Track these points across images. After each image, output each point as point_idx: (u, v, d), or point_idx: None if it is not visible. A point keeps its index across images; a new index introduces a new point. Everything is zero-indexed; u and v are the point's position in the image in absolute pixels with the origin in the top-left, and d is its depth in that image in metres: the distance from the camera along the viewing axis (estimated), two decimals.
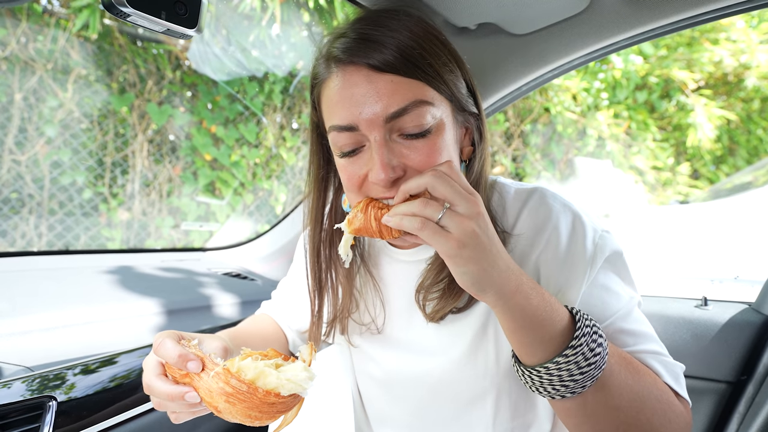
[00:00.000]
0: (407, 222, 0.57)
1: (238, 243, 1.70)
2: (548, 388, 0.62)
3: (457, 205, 0.57)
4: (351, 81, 0.64)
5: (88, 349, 0.94)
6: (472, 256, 0.56)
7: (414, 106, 0.63)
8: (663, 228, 3.38)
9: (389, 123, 0.64)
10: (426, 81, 0.65)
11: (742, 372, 1.24)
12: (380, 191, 0.66)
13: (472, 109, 0.73)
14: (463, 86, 0.71)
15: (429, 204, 0.57)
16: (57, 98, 2.74)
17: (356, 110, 0.64)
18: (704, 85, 5.21)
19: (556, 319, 0.61)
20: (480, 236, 0.56)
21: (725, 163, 5.35)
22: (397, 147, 0.65)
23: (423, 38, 0.65)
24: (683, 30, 0.96)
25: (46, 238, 2.75)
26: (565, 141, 5.14)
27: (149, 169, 3.10)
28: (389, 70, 0.63)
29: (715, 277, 2.19)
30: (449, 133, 0.68)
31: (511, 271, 0.59)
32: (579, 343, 0.60)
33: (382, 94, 0.63)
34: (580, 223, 0.73)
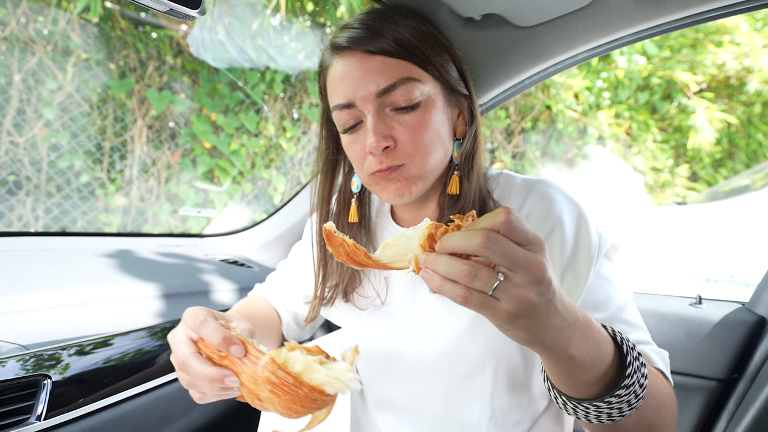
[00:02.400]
0: (448, 289, 0.49)
1: (235, 230, 1.70)
2: (592, 419, 0.60)
3: (516, 272, 0.48)
4: (348, 64, 0.73)
5: (83, 330, 0.94)
6: (524, 324, 0.50)
7: (402, 82, 0.71)
8: (660, 228, 3.40)
9: (381, 98, 0.72)
10: (414, 62, 0.73)
11: (733, 370, 1.26)
12: (375, 162, 0.73)
13: (463, 91, 0.80)
14: (454, 70, 0.79)
15: (478, 276, 0.47)
16: (56, 80, 2.72)
17: (352, 88, 0.72)
18: (706, 87, 5.21)
19: (604, 356, 0.57)
20: (538, 305, 0.49)
21: (724, 166, 5.37)
22: (389, 120, 0.73)
23: (415, 28, 0.74)
24: (688, 27, 0.96)
25: (43, 221, 2.74)
26: (566, 139, 5.14)
27: (148, 155, 3.09)
28: (380, 53, 0.72)
29: (711, 277, 2.20)
30: (439, 111, 0.75)
31: (565, 325, 0.53)
32: (632, 381, 0.57)
33: (373, 73, 0.71)
34: (583, 215, 0.77)
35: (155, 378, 0.96)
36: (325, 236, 0.58)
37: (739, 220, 3.15)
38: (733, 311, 1.30)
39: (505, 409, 0.79)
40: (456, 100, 0.81)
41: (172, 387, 0.99)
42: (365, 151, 0.74)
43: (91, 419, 0.83)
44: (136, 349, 0.95)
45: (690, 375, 1.30)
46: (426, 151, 0.74)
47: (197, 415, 1.06)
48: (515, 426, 0.80)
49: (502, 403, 0.79)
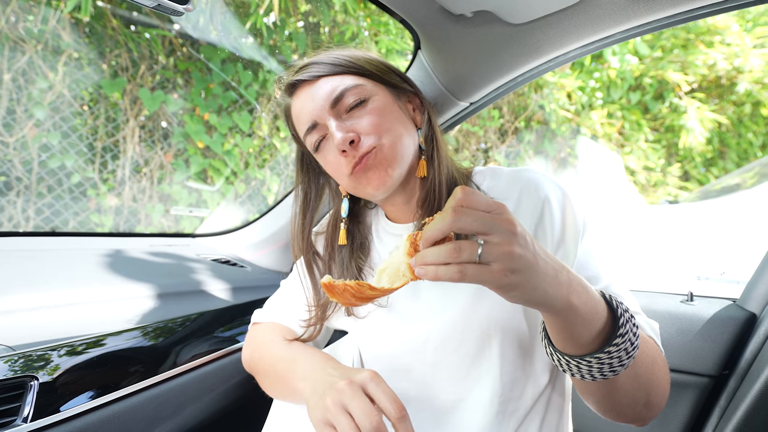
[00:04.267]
0: (444, 272, 0.53)
1: (228, 230, 1.68)
2: (595, 374, 0.63)
3: (492, 233, 0.52)
4: (301, 95, 0.85)
5: (73, 330, 0.92)
6: (521, 279, 0.53)
7: (348, 89, 0.82)
8: (652, 226, 3.42)
9: (335, 108, 0.82)
10: (353, 73, 0.84)
11: (724, 366, 1.26)
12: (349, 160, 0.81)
13: (408, 88, 0.91)
14: (393, 75, 0.89)
15: (461, 248, 0.52)
16: (47, 80, 2.70)
17: (309, 111, 0.83)
18: (697, 87, 5.25)
19: (600, 308, 0.61)
20: (524, 255, 0.53)
21: (715, 165, 5.42)
22: (348, 121, 0.82)
23: (344, 53, 0.86)
24: (678, 25, 0.97)
25: (34, 222, 2.71)
26: (559, 139, 5.16)
27: (140, 155, 3.06)
28: (323, 75, 0.83)
29: (702, 275, 2.22)
30: (389, 103, 0.85)
31: (559, 275, 0.58)
32: (625, 330, 0.61)
33: (322, 92, 0.83)
34: (567, 195, 0.84)
35: (146, 378, 0.95)
36: (326, 290, 0.61)
37: (730, 218, 3.17)
38: (724, 308, 1.31)
39: (512, 382, 0.82)
40: (406, 97, 0.91)
41: (163, 387, 0.98)
42: (337, 156, 0.82)
43: (79, 420, 0.82)
44: (127, 350, 0.94)
45: (682, 372, 1.30)
46: (389, 131, 0.82)
47: (188, 416, 1.05)
48: (521, 398, 0.83)
49: (510, 377, 0.82)
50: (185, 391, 1.03)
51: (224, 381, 1.14)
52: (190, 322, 1.09)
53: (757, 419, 1.11)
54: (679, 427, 1.32)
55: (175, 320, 1.07)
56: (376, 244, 0.98)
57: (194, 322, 1.10)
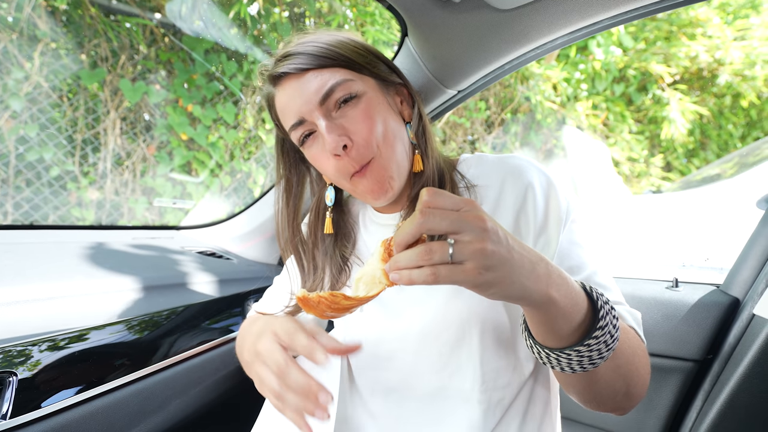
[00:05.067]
0: (417, 276, 0.52)
1: (213, 222, 1.67)
2: (575, 366, 0.63)
3: (462, 232, 0.52)
4: (287, 88, 0.81)
5: (54, 324, 0.90)
6: (498, 276, 0.53)
7: (337, 84, 0.78)
8: (637, 216, 3.48)
9: (324, 105, 0.79)
10: (341, 66, 0.80)
11: (708, 351, 1.29)
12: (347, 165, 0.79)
13: (396, 80, 0.88)
14: (382, 65, 0.86)
15: (432, 249, 0.52)
16: (23, 70, 2.61)
17: (296, 106, 0.80)
18: (680, 79, 5.33)
19: (580, 300, 0.61)
20: (498, 251, 0.53)
21: (697, 156, 5.53)
22: (338, 120, 0.79)
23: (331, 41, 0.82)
24: (664, 11, 0.98)
25: (13, 217, 2.64)
26: (545, 130, 5.21)
27: (122, 147, 3.00)
28: (310, 68, 0.79)
29: (686, 262, 2.26)
30: (380, 100, 0.82)
31: (537, 267, 0.57)
32: (605, 322, 0.61)
33: (310, 86, 0.79)
34: (552, 182, 0.83)
35: (131, 372, 0.94)
36: (301, 304, 0.62)
37: (712, 207, 3.23)
38: (708, 293, 1.34)
39: (494, 371, 0.82)
40: (394, 89, 0.88)
41: (148, 381, 0.97)
42: (330, 157, 0.80)
43: (61, 416, 0.81)
44: (111, 344, 0.93)
45: (667, 356, 1.33)
46: (384, 141, 0.80)
47: (174, 411, 1.04)
48: (504, 389, 0.82)
49: (492, 366, 0.81)
50: (171, 385, 1.02)
51: (211, 374, 1.13)
52: (175, 315, 1.08)
53: (740, 402, 1.14)
54: (664, 410, 1.35)
55: (161, 313, 1.06)
56: (362, 233, 0.97)
57: (180, 315, 1.09)
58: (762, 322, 1.14)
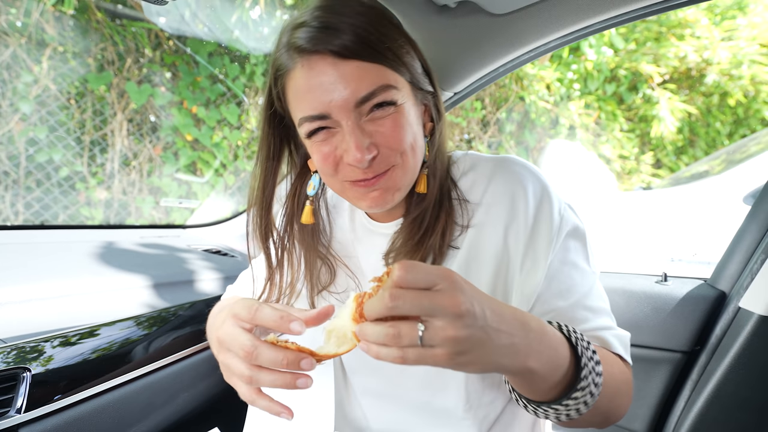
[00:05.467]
0: (385, 354, 0.49)
1: (218, 221, 1.69)
2: (561, 417, 0.62)
3: (433, 317, 0.48)
4: (318, 70, 0.65)
5: (66, 321, 0.92)
6: (470, 358, 0.50)
7: (381, 90, 0.66)
8: (627, 212, 3.52)
9: (358, 107, 0.66)
10: (388, 65, 0.67)
11: (696, 342, 1.32)
12: (358, 173, 0.69)
13: (428, 88, 0.76)
14: (419, 66, 0.74)
15: (401, 334, 0.48)
16: (32, 74, 2.66)
17: (326, 98, 0.65)
18: (669, 79, 5.41)
19: (561, 361, 0.58)
20: (472, 335, 0.49)
21: (685, 153, 5.60)
22: (367, 126, 0.67)
23: (379, 23, 0.67)
24: (654, 15, 1.00)
25: (23, 216, 2.68)
26: (539, 129, 5.28)
27: (129, 148, 3.05)
28: (353, 57, 0.64)
29: (675, 257, 2.32)
30: (411, 112, 0.71)
31: (516, 341, 0.53)
32: (586, 383, 0.59)
33: (349, 80, 0.64)
34: (547, 192, 0.75)
35: (140, 367, 0.94)
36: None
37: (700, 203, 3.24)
38: (696, 287, 1.36)
39: (478, 391, 0.79)
40: (423, 98, 0.76)
41: (157, 376, 0.98)
42: (342, 160, 0.69)
43: (73, 410, 0.81)
44: (122, 339, 0.93)
45: (656, 348, 1.36)
46: (412, 150, 0.70)
47: (183, 403, 1.05)
48: (489, 405, 0.81)
49: (476, 385, 0.79)
50: (180, 379, 1.03)
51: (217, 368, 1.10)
52: (182, 311, 1.09)
53: (726, 391, 1.18)
54: (653, 400, 1.38)
55: (168, 310, 1.07)
56: (350, 237, 0.88)
57: (187, 311, 1.09)
58: (747, 314, 1.17)
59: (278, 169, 0.81)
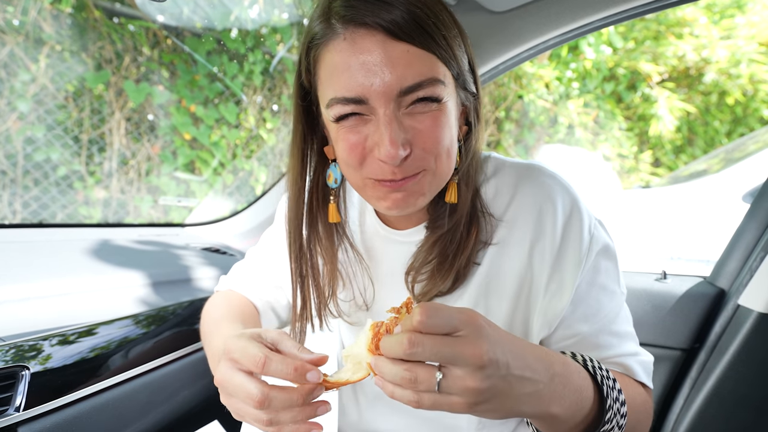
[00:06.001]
0: (400, 395, 0.48)
1: (217, 219, 1.69)
2: None
3: (454, 367, 0.46)
4: (362, 46, 0.57)
5: (64, 320, 0.91)
6: (488, 407, 0.48)
7: (429, 83, 0.58)
8: (627, 210, 3.53)
9: (400, 97, 0.58)
10: (439, 56, 0.59)
11: (695, 340, 1.33)
12: (386, 171, 0.61)
13: (472, 88, 0.68)
14: (467, 63, 0.66)
15: (419, 378, 0.46)
16: (29, 72, 2.66)
17: (368, 81, 0.57)
18: (667, 77, 5.42)
19: (585, 402, 0.56)
20: (493, 386, 0.46)
21: (684, 152, 5.61)
22: (405, 120, 0.60)
23: (435, 6, 0.60)
24: (652, 13, 1.01)
25: (21, 215, 2.68)
26: (538, 128, 5.29)
27: (127, 147, 3.04)
28: (405, 39, 0.56)
29: (674, 255, 2.32)
30: (452, 111, 0.64)
31: (539, 388, 0.51)
32: (611, 416, 0.57)
33: (397, 65, 0.56)
34: (577, 208, 0.69)
35: (139, 365, 0.95)
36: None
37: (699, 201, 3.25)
38: (695, 285, 1.37)
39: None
40: (465, 98, 0.68)
41: (156, 374, 0.98)
42: (371, 154, 0.61)
43: (72, 408, 0.81)
44: (120, 338, 0.93)
45: (656, 346, 1.37)
46: (446, 155, 0.63)
47: (182, 402, 1.05)
48: (502, 425, 0.79)
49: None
50: (178, 377, 1.03)
51: None
52: (181, 309, 1.09)
53: (725, 388, 1.19)
54: (653, 397, 1.40)
55: (167, 308, 1.07)
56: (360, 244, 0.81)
57: (186, 310, 1.10)
58: (747, 312, 1.18)
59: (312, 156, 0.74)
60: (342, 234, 0.78)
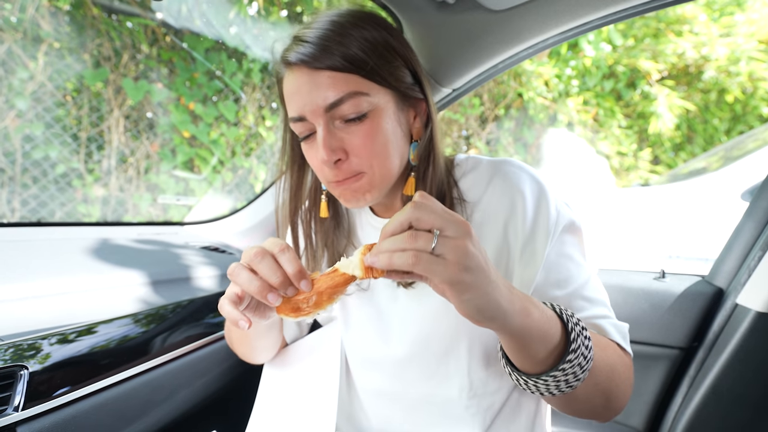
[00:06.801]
0: (398, 258, 0.53)
1: (216, 218, 1.68)
2: (553, 391, 0.64)
3: (447, 228, 0.53)
4: (297, 79, 0.73)
5: (63, 319, 0.91)
6: (474, 280, 0.53)
7: (349, 96, 0.71)
8: (625, 208, 3.53)
9: (329, 112, 0.72)
10: (362, 75, 0.72)
11: (693, 339, 1.34)
12: (328, 174, 0.75)
13: (417, 95, 0.80)
14: (407, 75, 0.78)
15: (418, 235, 0.53)
16: (27, 70, 2.65)
17: (302, 103, 0.73)
18: (667, 75, 5.42)
19: (553, 326, 0.62)
20: (477, 255, 0.53)
21: (683, 150, 5.62)
22: (339, 132, 0.73)
23: (367, 39, 0.73)
24: (652, 11, 1.01)
25: (20, 213, 2.68)
26: (537, 126, 5.29)
27: (126, 145, 3.04)
28: (326, 67, 0.71)
29: (673, 253, 2.33)
30: (390, 118, 0.75)
31: (512, 291, 0.58)
32: (577, 345, 0.62)
33: (321, 88, 0.71)
34: (544, 191, 0.79)
35: (139, 364, 0.94)
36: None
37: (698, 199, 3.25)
38: (693, 284, 1.38)
39: (482, 380, 0.82)
40: (412, 104, 0.80)
41: (155, 373, 0.98)
42: (320, 161, 0.75)
43: (71, 408, 0.81)
44: (120, 337, 0.93)
45: (654, 344, 1.38)
46: (382, 159, 0.75)
47: (181, 401, 1.05)
48: (494, 394, 0.83)
49: (480, 375, 0.82)
50: (178, 376, 1.03)
51: (216, 365, 1.15)
52: (180, 308, 1.09)
53: (723, 387, 1.20)
54: (650, 396, 1.40)
55: (166, 307, 1.07)
56: (358, 231, 0.93)
57: (185, 309, 1.10)
58: (745, 311, 1.19)
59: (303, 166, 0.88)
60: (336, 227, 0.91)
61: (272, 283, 0.62)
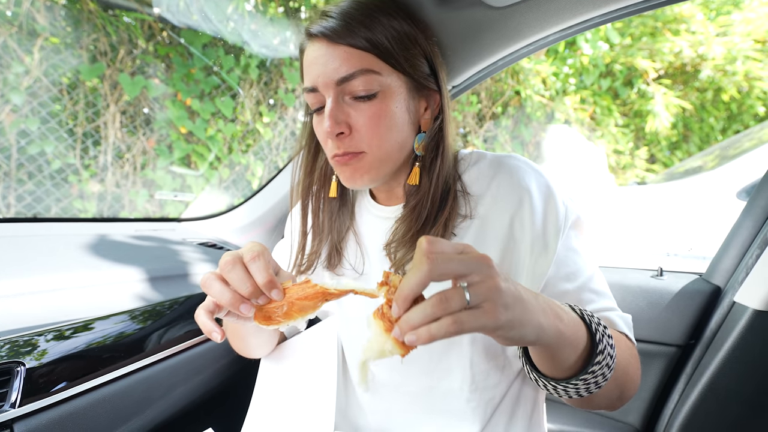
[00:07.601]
0: (437, 330, 0.48)
1: (213, 214, 1.68)
2: (582, 393, 0.63)
3: (472, 273, 0.49)
4: (316, 50, 0.75)
5: (60, 315, 0.90)
6: (515, 314, 0.50)
7: (361, 73, 0.73)
8: (623, 207, 3.55)
9: (340, 86, 0.74)
10: (377, 55, 0.74)
11: (690, 336, 1.35)
12: (332, 146, 0.77)
13: (432, 86, 0.81)
14: (424, 65, 0.79)
15: (448, 297, 0.48)
16: (23, 64, 2.63)
17: (316, 74, 0.75)
18: (664, 74, 5.44)
19: (579, 328, 0.61)
20: (509, 288, 0.51)
21: (679, 148, 5.65)
22: (347, 107, 0.75)
23: (392, 27, 0.75)
24: (653, 9, 1.01)
25: (15, 209, 2.66)
26: (534, 124, 5.30)
27: (122, 140, 3.02)
28: (345, 43, 0.73)
29: (670, 251, 2.34)
30: (400, 102, 0.76)
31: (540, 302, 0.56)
32: (603, 346, 0.61)
33: (336, 61, 0.73)
34: (550, 187, 0.79)
35: (135, 361, 0.94)
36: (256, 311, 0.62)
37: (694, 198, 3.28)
38: (691, 282, 1.38)
39: (484, 372, 0.82)
40: (425, 94, 0.81)
41: (152, 370, 0.98)
42: (324, 132, 0.76)
43: (68, 404, 0.81)
44: (117, 333, 0.93)
45: (651, 342, 1.38)
46: (382, 141, 0.76)
47: (178, 397, 1.05)
48: (494, 388, 0.84)
49: (481, 368, 0.82)
50: (175, 373, 1.03)
51: (213, 362, 1.15)
52: (178, 305, 1.09)
53: (720, 384, 1.21)
54: (648, 392, 1.41)
55: (163, 304, 1.07)
56: (356, 216, 0.93)
57: (182, 305, 1.10)
58: (742, 309, 1.19)
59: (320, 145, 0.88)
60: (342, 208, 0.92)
61: (242, 292, 0.59)
